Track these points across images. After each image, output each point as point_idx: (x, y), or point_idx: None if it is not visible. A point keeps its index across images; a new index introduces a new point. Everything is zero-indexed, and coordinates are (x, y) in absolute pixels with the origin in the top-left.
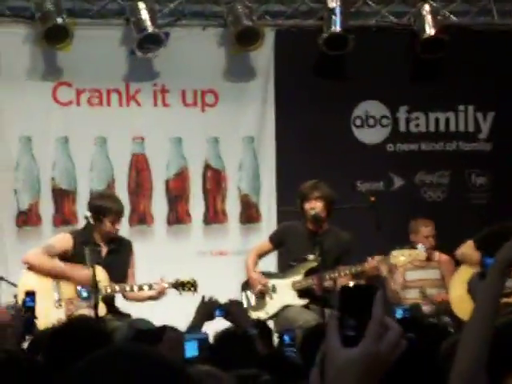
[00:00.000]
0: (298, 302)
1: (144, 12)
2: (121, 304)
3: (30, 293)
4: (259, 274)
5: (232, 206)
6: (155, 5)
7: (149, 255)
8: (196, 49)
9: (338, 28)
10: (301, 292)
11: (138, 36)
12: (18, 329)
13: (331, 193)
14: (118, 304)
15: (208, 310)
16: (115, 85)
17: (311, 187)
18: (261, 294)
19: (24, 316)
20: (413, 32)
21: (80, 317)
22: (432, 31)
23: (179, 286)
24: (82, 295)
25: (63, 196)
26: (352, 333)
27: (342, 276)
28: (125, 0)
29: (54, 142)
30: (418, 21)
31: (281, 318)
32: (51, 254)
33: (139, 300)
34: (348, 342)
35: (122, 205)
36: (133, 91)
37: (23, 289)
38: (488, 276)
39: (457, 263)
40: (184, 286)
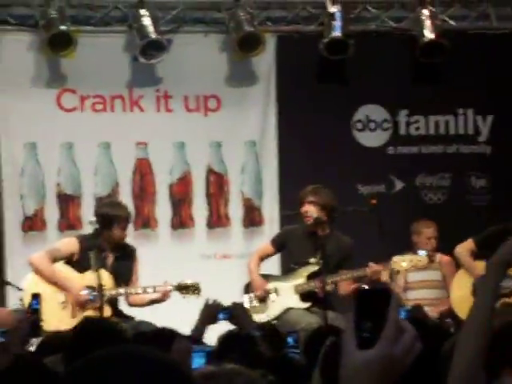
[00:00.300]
0: (300, 305)
1: (146, 19)
2: (124, 309)
3: (36, 295)
4: (261, 278)
5: (235, 210)
6: (157, 12)
7: (153, 259)
8: (198, 55)
9: (339, 33)
10: (303, 295)
11: (141, 42)
12: (24, 331)
13: (329, 198)
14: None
15: (211, 313)
16: (118, 91)
17: (308, 192)
18: (263, 297)
19: (29, 318)
20: (412, 36)
21: (91, 318)
22: (431, 35)
23: (182, 289)
24: (87, 297)
25: (68, 201)
26: (368, 335)
27: (344, 280)
28: (127, 7)
29: (59, 148)
30: (417, 25)
31: (283, 321)
32: (56, 258)
33: (142, 305)
34: (364, 344)
35: (129, 212)
36: (136, 97)
37: (29, 291)
38: (485, 276)
39: (458, 264)
40: (187, 289)
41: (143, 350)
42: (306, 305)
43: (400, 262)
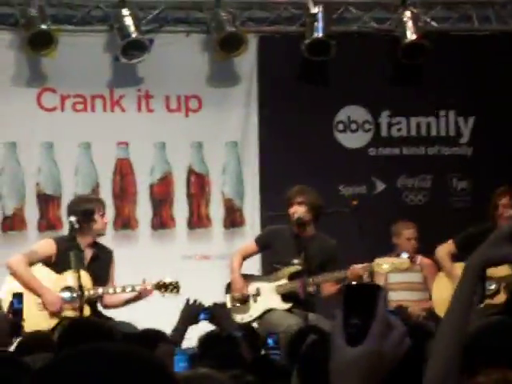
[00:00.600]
0: (282, 306)
1: (128, 18)
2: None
3: (18, 295)
4: (242, 279)
5: (216, 211)
6: (139, 11)
7: (133, 259)
8: (180, 55)
9: (320, 34)
10: (284, 296)
11: (122, 42)
12: (4, 331)
13: (316, 198)
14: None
15: (192, 314)
16: (99, 90)
17: (295, 192)
18: (244, 297)
19: (11, 319)
20: (394, 38)
21: (87, 317)
22: (413, 37)
23: (161, 288)
24: (65, 297)
25: (48, 201)
26: (356, 331)
27: (326, 281)
28: (109, 6)
29: (39, 148)
30: (399, 27)
31: (264, 322)
32: (34, 261)
33: (118, 305)
34: (352, 341)
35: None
36: (117, 97)
37: (10, 291)
38: (460, 279)
39: (439, 266)
40: (166, 288)
41: (127, 348)
42: (288, 306)
43: (382, 265)
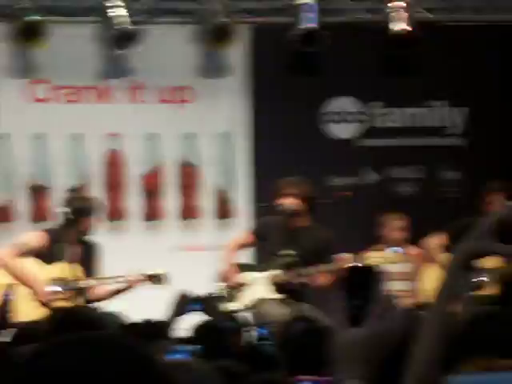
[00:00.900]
0: (274, 296)
1: (120, 9)
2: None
3: (9, 286)
4: (234, 268)
5: (207, 202)
6: (131, 2)
7: (124, 250)
8: (172, 46)
9: (313, 24)
10: (277, 286)
11: (114, 33)
12: None
13: (308, 189)
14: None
15: (184, 305)
16: (91, 81)
17: (287, 183)
18: (238, 286)
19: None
20: (386, 28)
21: (66, 308)
22: (405, 27)
23: (151, 278)
24: (57, 288)
25: (39, 192)
26: (357, 312)
27: (319, 273)
28: None
29: (31, 139)
30: (392, 17)
31: (256, 311)
32: (24, 252)
33: (106, 297)
34: (353, 322)
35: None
36: (107, 88)
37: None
38: (447, 271)
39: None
40: (155, 278)
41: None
42: (280, 296)
43: (373, 259)
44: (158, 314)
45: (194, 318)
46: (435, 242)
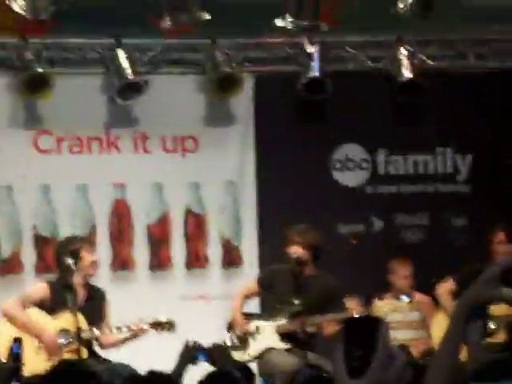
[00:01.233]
0: (281, 346)
1: (123, 60)
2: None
3: (17, 339)
4: (243, 317)
5: (214, 251)
6: (135, 53)
7: (131, 300)
8: (176, 96)
9: (317, 73)
10: (284, 336)
11: (118, 84)
12: (2, 377)
13: (314, 238)
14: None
15: (191, 355)
16: (95, 132)
17: (294, 232)
18: (245, 336)
19: (10, 363)
20: (390, 76)
21: (68, 360)
22: (409, 75)
23: (157, 326)
24: (62, 341)
25: (45, 243)
26: (358, 363)
27: (327, 321)
28: (105, 49)
29: (35, 190)
30: (395, 65)
31: (263, 361)
32: (28, 304)
33: (115, 345)
34: (354, 373)
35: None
36: (113, 138)
37: (5, 336)
38: (451, 317)
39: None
40: (162, 326)
41: None
42: (287, 345)
43: (382, 307)
44: (166, 364)
45: (201, 369)
46: (444, 289)
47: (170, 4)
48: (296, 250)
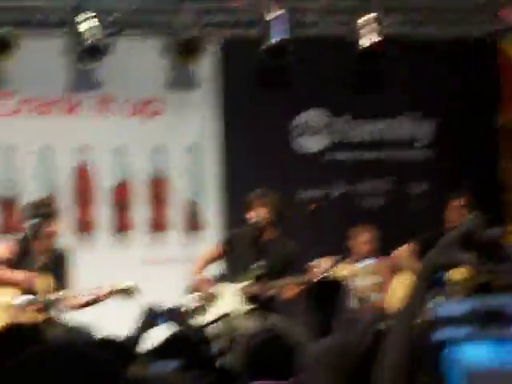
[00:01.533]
0: (244, 308)
1: (89, 22)
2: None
3: None
4: (205, 279)
5: (176, 214)
6: (100, 15)
7: (93, 264)
8: (139, 59)
9: (280, 38)
10: (247, 298)
11: (80, 47)
12: None
13: (276, 202)
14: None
15: (152, 317)
16: (59, 95)
17: (255, 196)
18: (207, 298)
19: None
20: (354, 42)
21: (17, 324)
22: (371, 41)
23: (121, 292)
24: (24, 301)
25: (7, 205)
26: (322, 326)
27: (287, 285)
28: (67, 11)
29: None
30: (358, 31)
31: (225, 323)
32: None
33: (78, 308)
34: (321, 333)
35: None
36: (76, 101)
37: None
38: (413, 283)
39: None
40: (125, 291)
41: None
42: (249, 308)
43: (342, 272)
44: (126, 327)
45: (163, 331)
46: (404, 253)
47: None
48: (256, 214)
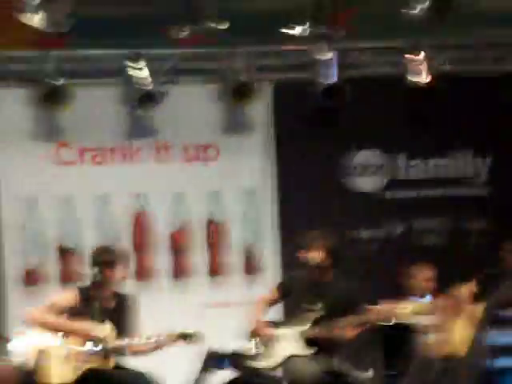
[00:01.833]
0: (304, 352)
1: (142, 70)
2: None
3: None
4: (265, 324)
5: (235, 258)
6: (153, 63)
7: (155, 309)
8: (195, 105)
9: (335, 79)
10: (307, 341)
11: (136, 95)
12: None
13: (333, 243)
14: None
15: (214, 362)
16: (117, 143)
17: (313, 237)
18: (267, 343)
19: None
20: (408, 81)
21: (92, 370)
22: (426, 79)
23: (183, 338)
24: (90, 350)
25: (68, 254)
26: (395, 372)
27: (348, 325)
28: (123, 60)
29: (58, 201)
30: (412, 70)
31: (286, 368)
32: (55, 312)
33: (143, 354)
34: (393, 379)
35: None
36: (134, 148)
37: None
38: (478, 322)
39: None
40: (189, 338)
41: None
42: (311, 351)
43: (405, 308)
44: (188, 372)
45: (223, 375)
46: (464, 293)
47: (187, 14)
48: (315, 255)
